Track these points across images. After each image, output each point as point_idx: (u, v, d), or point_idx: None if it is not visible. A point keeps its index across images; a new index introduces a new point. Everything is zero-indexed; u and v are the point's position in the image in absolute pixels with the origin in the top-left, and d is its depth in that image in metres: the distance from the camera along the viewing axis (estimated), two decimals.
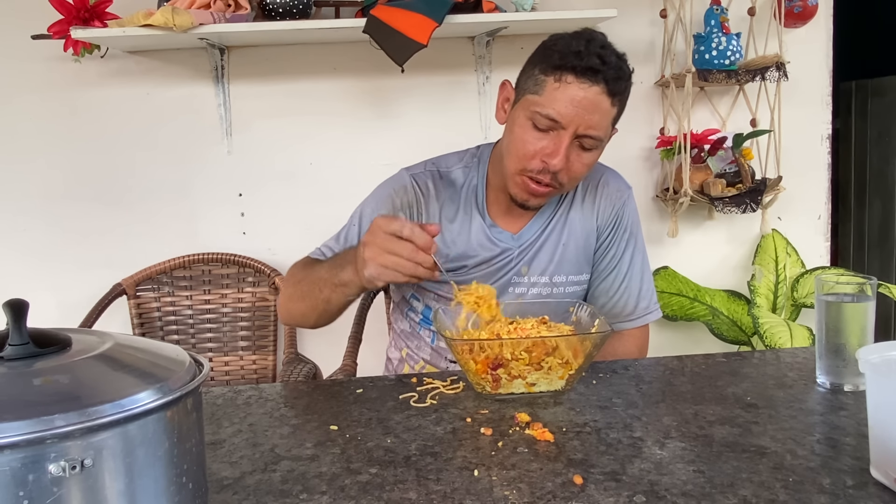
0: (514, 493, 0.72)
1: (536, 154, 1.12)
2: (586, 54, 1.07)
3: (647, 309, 1.29)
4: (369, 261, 1.00)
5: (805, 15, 2.00)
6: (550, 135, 1.11)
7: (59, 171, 2.04)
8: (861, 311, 0.97)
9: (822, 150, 2.18)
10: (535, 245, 1.26)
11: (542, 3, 1.92)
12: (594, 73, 1.07)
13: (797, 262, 2.13)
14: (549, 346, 0.97)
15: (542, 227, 1.26)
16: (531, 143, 1.12)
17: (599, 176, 1.29)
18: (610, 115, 1.12)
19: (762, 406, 0.93)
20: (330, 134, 2.07)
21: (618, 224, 1.28)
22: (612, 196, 1.28)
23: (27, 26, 1.87)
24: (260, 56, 2.03)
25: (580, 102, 1.07)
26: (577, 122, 1.09)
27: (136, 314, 1.99)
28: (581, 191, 1.28)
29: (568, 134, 1.09)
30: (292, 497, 0.73)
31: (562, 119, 1.08)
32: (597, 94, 1.08)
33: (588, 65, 1.06)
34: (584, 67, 1.06)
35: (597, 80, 1.07)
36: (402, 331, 1.37)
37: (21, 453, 0.47)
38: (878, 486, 0.71)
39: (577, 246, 1.27)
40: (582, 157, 1.13)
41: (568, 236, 1.26)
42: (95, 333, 0.62)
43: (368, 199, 1.32)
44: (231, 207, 2.09)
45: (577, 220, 1.27)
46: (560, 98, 1.08)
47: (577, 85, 1.07)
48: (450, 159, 1.31)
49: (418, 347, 1.32)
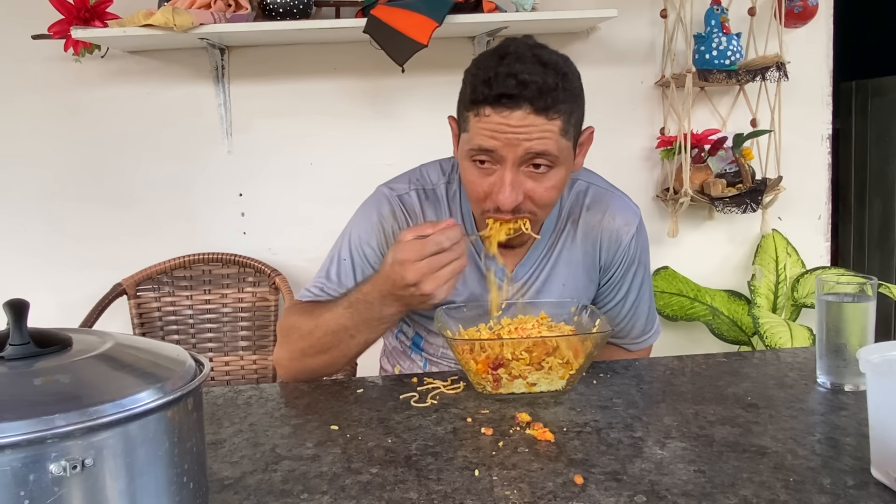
0: (514, 493, 0.72)
1: (486, 195, 1.02)
2: (496, 80, 0.95)
3: (652, 331, 1.28)
4: (435, 291, 0.94)
5: (805, 15, 2.00)
6: (495, 169, 1.00)
7: (59, 171, 2.04)
8: (861, 311, 0.97)
9: (822, 150, 2.18)
10: (533, 281, 1.17)
11: (542, 3, 1.92)
12: (510, 98, 0.94)
13: (797, 262, 2.13)
14: (550, 346, 0.97)
15: (538, 263, 1.17)
16: (478, 183, 1.02)
17: (604, 209, 1.17)
18: (554, 129, 0.97)
19: (763, 406, 0.93)
20: (330, 134, 2.07)
21: (625, 259, 1.18)
22: (620, 232, 1.16)
23: (27, 26, 1.87)
24: (260, 56, 2.03)
25: (508, 130, 0.96)
26: (513, 151, 0.97)
27: (137, 314, 1.99)
28: (582, 227, 1.17)
29: (508, 166, 0.98)
30: (293, 497, 0.73)
31: (496, 150, 0.97)
32: (523, 118, 0.95)
33: (500, 92, 0.94)
34: (497, 96, 0.95)
35: (516, 104, 0.94)
36: (394, 348, 1.30)
37: (22, 453, 0.47)
38: (878, 486, 0.71)
39: (577, 286, 1.18)
40: (542, 180, 1.00)
41: (567, 275, 1.17)
42: (96, 333, 0.62)
43: (354, 227, 1.18)
44: (231, 207, 2.09)
45: (578, 258, 1.17)
46: (484, 131, 0.97)
47: (497, 115, 0.95)
48: (432, 172, 1.20)
49: (410, 369, 1.26)
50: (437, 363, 1.23)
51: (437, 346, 1.22)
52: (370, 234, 1.16)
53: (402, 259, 0.95)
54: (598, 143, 2.09)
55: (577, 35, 2.07)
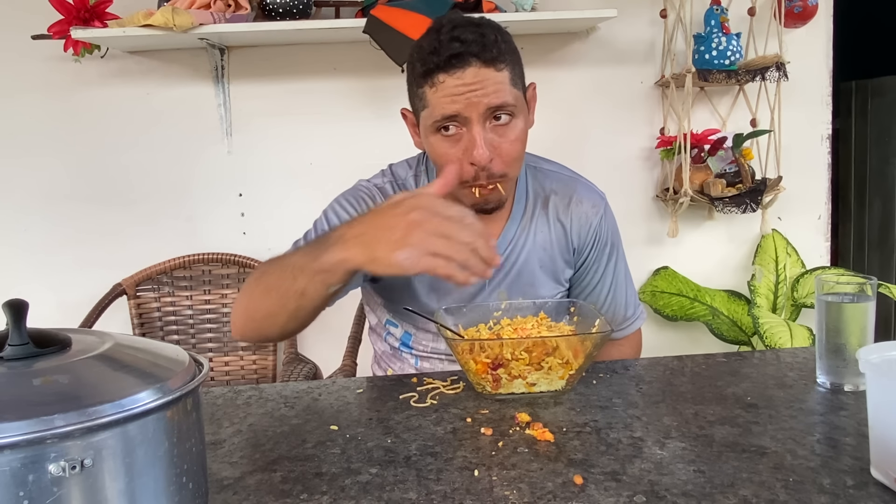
0: (514, 493, 0.72)
1: (462, 161, 1.04)
2: (441, 46, 1.00)
3: (635, 315, 1.28)
4: (415, 244, 0.80)
5: (805, 15, 2.00)
6: (462, 134, 1.03)
7: (59, 170, 2.04)
8: (861, 311, 0.97)
9: (822, 150, 2.18)
10: (508, 265, 1.18)
11: (542, 3, 1.92)
12: (459, 57, 0.99)
13: (797, 262, 2.13)
14: (550, 346, 0.97)
15: (511, 243, 1.18)
16: (450, 153, 1.04)
17: (571, 193, 1.21)
18: (504, 79, 1.02)
19: (762, 406, 0.93)
20: (330, 134, 2.07)
21: (597, 240, 1.22)
22: (588, 214, 1.21)
23: (27, 26, 1.87)
24: (260, 56, 2.03)
25: (465, 90, 1.00)
26: (475, 109, 1.01)
27: (136, 314, 1.99)
28: (552, 209, 1.20)
29: (475, 123, 1.01)
30: (293, 497, 0.73)
31: (459, 113, 1.01)
32: (475, 74, 1.00)
33: (448, 54, 0.99)
34: (447, 59, 0.99)
35: (466, 62, 0.99)
36: (384, 352, 1.30)
37: (21, 453, 0.47)
38: (878, 486, 0.71)
39: (553, 268, 1.21)
40: (506, 133, 1.04)
41: (543, 257, 1.20)
42: (95, 333, 0.62)
43: (329, 207, 1.19)
44: (231, 207, 2.09)
45: (550, 241, 1.20)
46: (444, 98, 1.01)
47: (451, 78, 1.00)
48: (401, 169, 1.24)
49: (402, 370, 1.26)
50: (429, 358, 1.23)
51: (428, 342, 1.22)
52: (345, 209, 1.17)
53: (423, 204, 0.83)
54: (598, 143, 2.12)
55: (577, 35, 2.07)
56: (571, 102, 2.08)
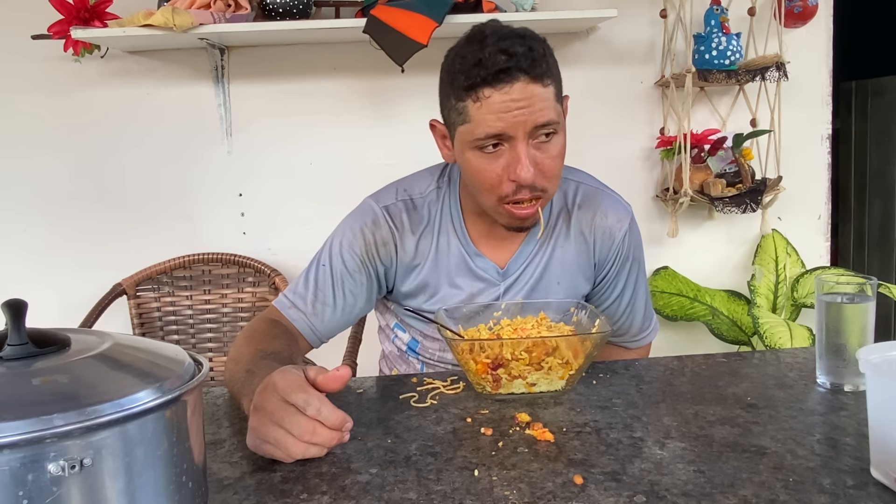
0: (514, 493, 0.72)
1: (502, 177, 1.00)
2: (488, 58, 0.94)
3: (650, 328, 1.29)
4: (251, 430, 0.78)
5: (805, 15, 2.00)
6: (504, 150, 0.99)
7: (59, 171, 2.04)
8: (861, 312, 0.97)
9: (822, 150, 2.18)
10: (525, 280, 1.16)
11: (542, 3, 1.92)
12: (507, 72, 0.94)
13: (797, 262, 2.13)
14: (550, 347, 0.97)
15: (529, 258, 1.16)
16: (489, 171, 1.00)
17: (596, 207, 1.17)
18: (550, 95, 0.98)
19: (762, 406, 0.93)
20: (330, 134, 2.07)
21: (619, 255, 1.18)
22: (613, 229, 1.16)
23: (27, 26, 1.87)
24: (260, 56, 2.03)
25: (511, 106, 0.95)
26: (522, 124, 0.97)
27: (136, 314, 1.99)
28: (575, 223, 1.16)
29: (520, 141, 0.98)
30: (293, 497, 0.73)
31: (505, 132, 0.97)
32: (523, 89, 0.95)
33: (496, 68, 0.94)
34: (495, 73, 0.94)
35: (514, 77, 0.95)
36: (391, 352, 1.30)
37: (20, 453, 0.47)
38: (878, 486, 0.71)
39: (572, 284, 1.18)
40: (549, 150, 1.01)
41: (562, 273, 1.16)
42: (95, 333, 0.62)
43: (336, 235, 1.16)
44: (231, 207, 2.09)
45: (570, 256, 1.16)
46: (489, 115, 0.96)
47: (498, 94, 0.95)
48: (421, 182, 1.18)
49: (407, 372, 1.25)
50: (435, 366, 1.23)
51: (434, 351, 1.22)
52: (353, 241, 1.14)
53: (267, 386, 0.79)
54: (598, 143, 2.12)
55: (577, 35, 2.07)
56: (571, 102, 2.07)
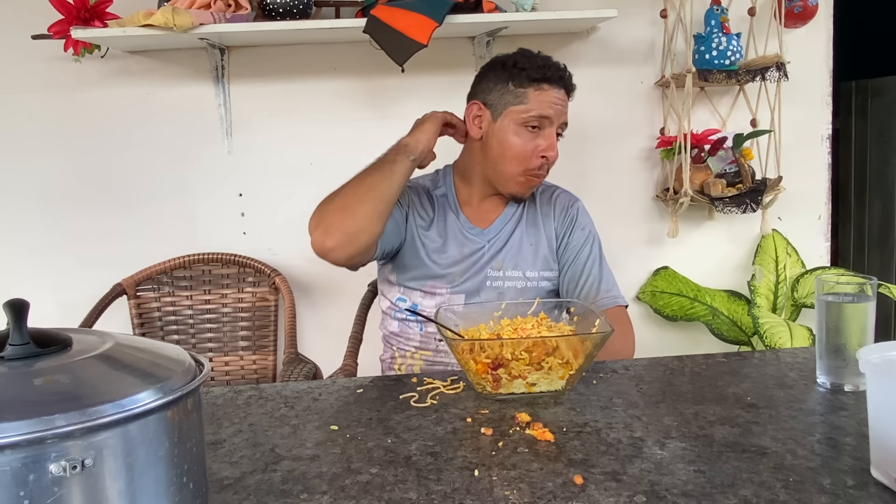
0: (514, 493, 0.72)
1: (535, 152, 1.37)
2: (552, 67, 1.38)
3: (613, 293, 1.42)
4: None
5: (805, 15, 2.00)
6: (541, 133, 1.37)
7: (59, 170, 2.04)
8: (861, 311, 0.97)
9: (822, 150, 2.18)
10: (503, 238, 1.44)
11: (542, 4, 1.92)
12: (560, 79, 1.38)
13: (797, 262, 2.13)
14: (550, 346, 0.97)
15: (506, 222, 1.46)
16: (528, 144, 1.37)
17: (552, 191, 1.53)
18: (568, 109, 1.42)
19: (762, 406, 0.93)
20: (330, 134, 2.07)
21: (573, 223, 1.47)
22: (565, 203, 1.50)
23: (27, 26, 1.87)
24: (260, 56, 2.03)
25: (557, 102, 1.38)
26: (559, 117, 1.39)
27: (137, 314, 1.99)
28: (539, 202, 1.49)
29: (555, 127, 1.38)
30: (293, 497, 0.73)
31: (550, 115, 1.37)
32: (564, 95, 1.40)
33: (557, 74, 1.38)
34: (556, 76, 1.37)
35: (562, 84, 1.39)
36: (392, 333, 1.48)
37: (22, 453, 0.47)
38: (878, 486, 0.71)
39: (546, 246, 1.46)
40: (557, 145, 1.41)
41: (536, 238, 1.46)
42: (95, 333, 0.62)
43: None
44: (231, 207, 2.09)
45: (540, 224, 1.47)
46: (545, 101, 1.37)
47: (553, 90, 1.37)
48: (420, 180, 1.52)
49: (407, 339, 1.44)
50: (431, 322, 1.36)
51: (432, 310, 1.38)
52: None
53: None
54: (598, 143, 2.12)
55: (577, 35, 2.07)
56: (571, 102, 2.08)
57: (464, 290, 1.41)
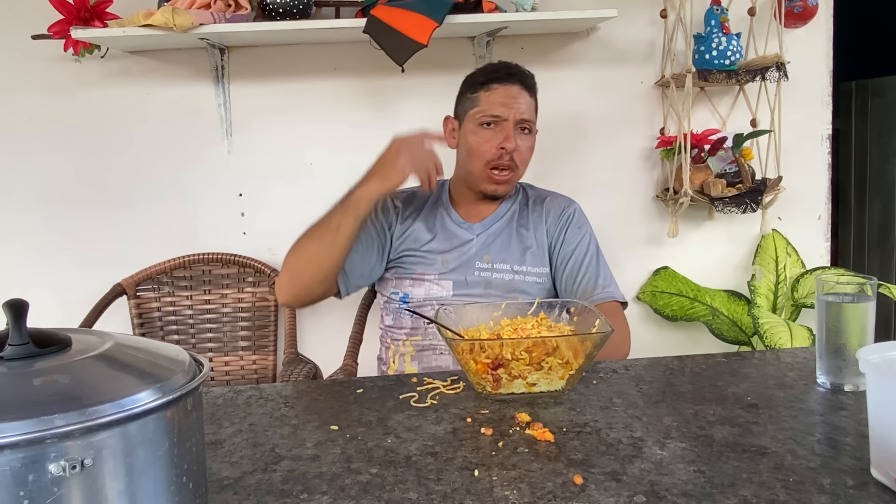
0: (514, 493, 0.72)
1: (493, 145, 1.43)
2: (501, 67, 1.48)
3: (610, 289, 1.45)
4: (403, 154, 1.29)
5: (805, 15, 2.00)
6: (498, 128, 1.44)
7: (59, 170, 2.04)
8: (861, 312, 0.97)
9: (822, 150, 2.18)
10: (493, 234, 1.50)
11: (542, 4, 1.92)
12: (510, 75, 1.46)
13: (797, 263, 2.13)
14: (550, 346, 0.97)
15: (496, 220, 1.52)
16: (487, 140, 1.44)
17: (546, 197, 1.58)
18: (531, 104, 1.48)
19: (762, 406, 0.93)
20: (330, 134, 2.07)
21: (569, 222, 1.52)
22: (561, 204, 1.56)
23: (27, 26, 1.87)
24: (260, 56, 2.03)
25: (509, 97, 1.44)
26: (513, 111, 1.43)
27: (136, 314, 1.99)
28: (532, 206, 1.55)
29: (511, 122, 1.43)
30: (293, 497, 0.73)
31: (502, 113, 1.43)
32: (518, 90, 1.45)
33: (505, 72, 1.46)
34: (504, 74, 1.46)
35: (513, 80, 1.45)
36: (388, 326, 1.53)
37: (21, 453, 0.47)
38: (878, 486, 0.71)
39: (536, 246, 1.50)
40: (524, 140, 1.46)
41: (526, 237, 1.51)
42: (95, 333, 0.62)
43: None
44: (231, 207, 2.09)
45: (532, 226, 1.53)
46: (494, 100, 1.44)
47: (502, 87, 1.45)
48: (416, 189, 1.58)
49: (400, 327, 1.49)
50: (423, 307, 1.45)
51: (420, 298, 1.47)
52: None
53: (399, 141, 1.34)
54: (598, 143, 2.12)
55: (577, 35, 2.07)
56: (571, 102, 2.08)
57: (451, 278, 1.46)
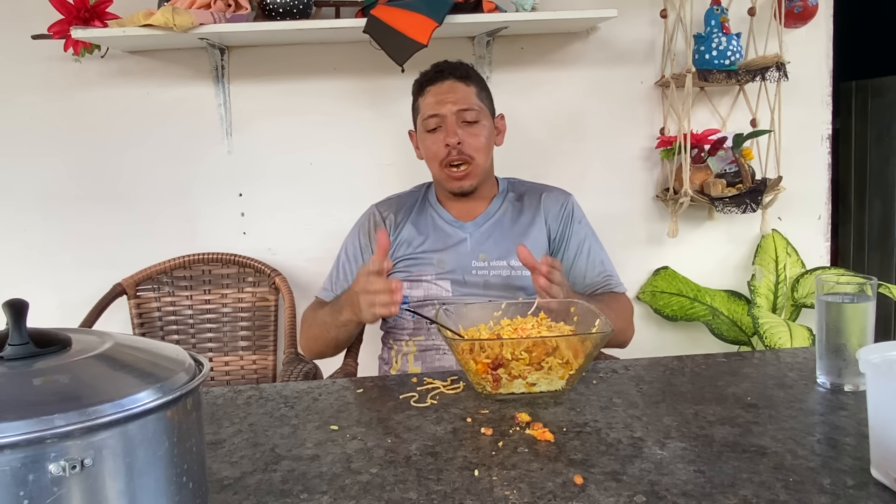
0: (514, 493, 0.72)
1: (440, 146, 1.46)
2: (432, 71, 1.52)
3: (618, 280, 1.52)
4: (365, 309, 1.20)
5: (805, 15, 2.00)
6: (442, 129, 1.47)
7: (59, 171, 2.04)
8: (861, 312, 0.97)
9: (822, 150, 2.18)
10: (487, 231, 1.52)
11: (542, 3, 1.92)
12: (439, 73, 1.50)
13: (797, 263, 2.13)
14: (550, 346, 0.97)
15: (488, 218, 1.53)
16: (434, 142, 1.48)
17: (541, 191, 1.58)
18: (471, 91, 1.49)
19: (762, 406, 0.93)
20: (330, 134, 2.07)
21: (571, 218, 1.54)
22: (557, 199, 1.56)
23: (27, 26, 1.87)
24: (260, 56, 2.03)
25: (441, 94, 1.47)
26: (448, 106, 1.46)
27: (136, 314, 1.99)
28: (526, 201, 1.56)
29: (449, 119, 1.45)
30: (293, 497, 0.73)
31: (438, 111, 1.46)
32: (451, 85, 1.48)
33: (434, 72, 1.51)
34: (433, 75, 1.51)
35: (442, 77, 1.49)
36: (390, 328, 1.54)
37: (21, 453, 0.47)
38: (878, 486, 0.71)
39: (533, 241, 1.49)
40: (473, 129, 1.47)
41: (522, 233, 1.51)
42: (95, 333, 0.62)
43: (348, 234, 1.60)
44: (231, 207, 2.09)
45: (527, 222, 1.53)
46: (430, 102, 1.49)
47: (434, 87, 1.49)
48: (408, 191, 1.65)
49: (402, 329, 1.50)
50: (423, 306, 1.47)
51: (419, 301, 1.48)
52: (356, 234, 1.59)
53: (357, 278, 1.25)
54: (597, 143, 2.12)
55: (577, 35, 2.07)
56: (571, 102, 2.08)
57: (449, 278, 1.47)
